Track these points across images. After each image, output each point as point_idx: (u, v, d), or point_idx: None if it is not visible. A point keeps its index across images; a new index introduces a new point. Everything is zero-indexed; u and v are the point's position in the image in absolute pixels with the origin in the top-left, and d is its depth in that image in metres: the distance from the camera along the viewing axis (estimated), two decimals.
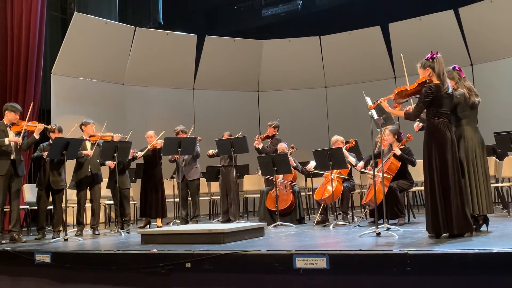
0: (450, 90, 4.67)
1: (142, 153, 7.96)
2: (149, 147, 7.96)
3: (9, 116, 6.51)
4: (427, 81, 4.65)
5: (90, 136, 7.25)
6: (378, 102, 5.03)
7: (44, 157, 6.73)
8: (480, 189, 4.74)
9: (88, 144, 7.20)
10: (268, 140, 8.25)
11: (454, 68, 5.05)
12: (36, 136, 6.57)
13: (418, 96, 4.73)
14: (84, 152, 7.04)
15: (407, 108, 4.98)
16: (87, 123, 7.29)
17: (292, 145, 7.99)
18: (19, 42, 9.15)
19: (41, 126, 6.63)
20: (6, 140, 6.37)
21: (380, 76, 11.57)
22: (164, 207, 8.14)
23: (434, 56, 4.69)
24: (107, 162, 7.41)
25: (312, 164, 7.42)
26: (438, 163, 4.55)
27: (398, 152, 6.41)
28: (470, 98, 4.87)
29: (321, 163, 6.77)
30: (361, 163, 7.02)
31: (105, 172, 7.59)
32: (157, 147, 7.96)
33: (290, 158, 7.46)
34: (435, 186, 4.55)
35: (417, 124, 5.35)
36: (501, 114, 9.79)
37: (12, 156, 6.41)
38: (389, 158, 6.47)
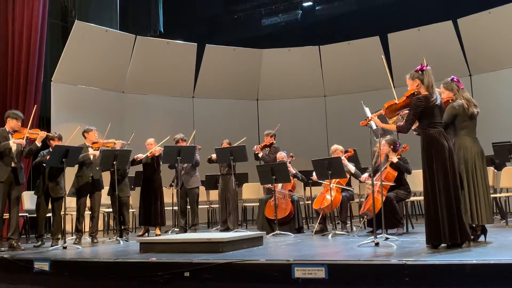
0: (438, 102, 4.69)
1: (143, 155, 7.97)
2: (147, 154, 7.98)
3: (11, 123, 6.53)
4: (415, 93, 4.69)
5: (93, 143, 7.28)
6: (370, 118, 5.07)
7: (44, 164, 6.76)
8: (479, 200, 4.75)
9: (90, 151, 7.22)
10: (266, 149, 8.27)
11: (452, 80, 5.08)
12: (38, 143, 6.58)
13: (408, 109, 4.76)
14: (90, 152, 7.06)
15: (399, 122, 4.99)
16: (90, 130, 7.33)
17: (291, 154, 8.01)
18: (19, 49, 9.20)
19: (43, 134, 6.65)
20: (11, 142, 6.38)
21: (379, 86, 11.53)
22: (163, 215, 8.13)
23: (424, 68, 4.72)
24: None
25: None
26: (439, 173, 4.55)
27: (395, 160, 6.44)
28: (469, 109, 4.90)
29: (320, 172, 6.79)
30: (366, 175, 7.02)
31: (106, 179, 7.60)
32: (155, 155, 7.97)
33: (289, 166, 7.49)
34: (436, 196, 4.54)
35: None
36: (499, 125, 9.82)
37: (13, 164, 6.42)
38: (385, 167, 6.50)
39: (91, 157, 7.13)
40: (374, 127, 5.20)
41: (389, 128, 5.02)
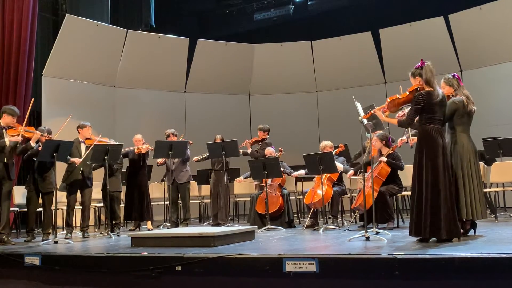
0: (441, 97, 4.73)
1: (128, 148, 7.94)
2: (134, 148, 7.95)
3: (7, 119, 6.48)
4: (418, 88, 4.72)
5: (86, 138, 7.23)
6: (373, 111, 5.10)
7: (35, 159, 6.72)
8: (474, 195, 4.83)
9: (82, 147, 7.20)
10: (258, 144, 8.27)
11: (454, 76, 5.18)
12: (33, 144, 6.56)
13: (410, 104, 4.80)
14: (72, 159, 7.00)
15: (400, 114, 5.03)
16: (84, 126, 7.29)
17: (280, 148, 8.00)
18: (10, 43, 9.12)
19: (37, 134, 6.59)
20: (7, 141, 6.35)
21: (371, 82, 11.65)
22: (150, 210, 8.13)
23: (423, 64, 4.77)
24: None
25: (301, 172, 7.52)
26: (429, 169, 4.60)
27: (384, 159, 6.46)
28: (468, 106, 4.97)
29: (311, 167, 6.80)
30: (352, 171, 7.08)
31: (100, 174, 7.56)
32: (142, 152, 7.94)
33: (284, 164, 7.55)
34: (422, 191, 4.60)
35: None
36: (489, 120, 9.88)
37: (5, 159, 6.39)
38: (379, 163, 6.51)
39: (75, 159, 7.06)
40: (366, 122, 5.23)
41: (390, 121, 5.05)
